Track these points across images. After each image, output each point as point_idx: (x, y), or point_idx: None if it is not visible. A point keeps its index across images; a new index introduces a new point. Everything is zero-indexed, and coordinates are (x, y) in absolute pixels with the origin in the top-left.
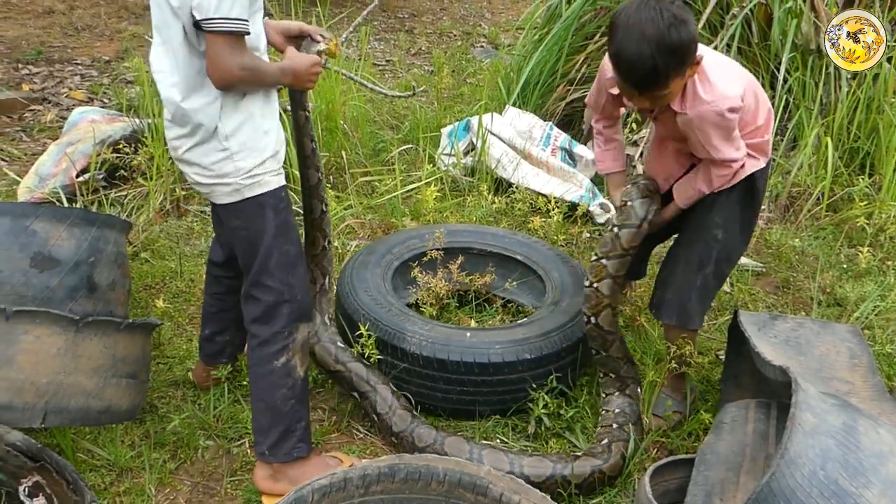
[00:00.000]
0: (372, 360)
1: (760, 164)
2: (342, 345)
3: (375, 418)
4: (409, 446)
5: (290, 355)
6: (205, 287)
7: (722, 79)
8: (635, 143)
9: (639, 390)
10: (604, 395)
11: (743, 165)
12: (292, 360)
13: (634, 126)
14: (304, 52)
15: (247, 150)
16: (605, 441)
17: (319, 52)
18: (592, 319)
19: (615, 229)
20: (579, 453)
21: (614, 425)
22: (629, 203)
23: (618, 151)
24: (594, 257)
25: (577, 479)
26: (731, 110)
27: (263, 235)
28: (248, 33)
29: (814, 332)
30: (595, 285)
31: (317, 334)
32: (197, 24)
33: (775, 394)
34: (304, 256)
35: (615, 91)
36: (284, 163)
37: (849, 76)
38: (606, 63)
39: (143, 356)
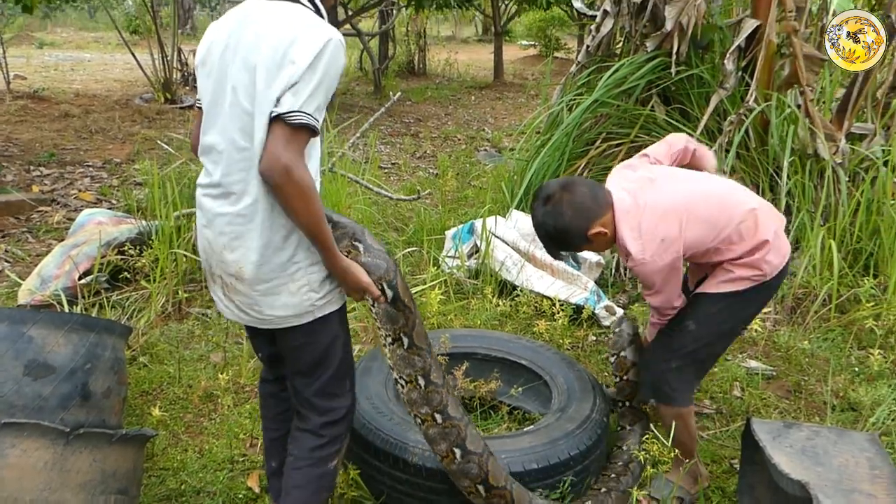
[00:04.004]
0: None
1: (748, 283)
2: None
3: None
4: None
5: (338, 459)
6: (261, 411)
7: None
8: None
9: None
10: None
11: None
12: (338, 465)
13: None
14: None
15: (314, 258)
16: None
17: None
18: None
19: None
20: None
21: (612, 475)
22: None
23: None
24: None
25: None
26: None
27: (332, 348)
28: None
29: (831, 442)
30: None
31: None
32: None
33: None
34: None
35: None
36: None
37: (847, 180)
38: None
39: (134, 470)
